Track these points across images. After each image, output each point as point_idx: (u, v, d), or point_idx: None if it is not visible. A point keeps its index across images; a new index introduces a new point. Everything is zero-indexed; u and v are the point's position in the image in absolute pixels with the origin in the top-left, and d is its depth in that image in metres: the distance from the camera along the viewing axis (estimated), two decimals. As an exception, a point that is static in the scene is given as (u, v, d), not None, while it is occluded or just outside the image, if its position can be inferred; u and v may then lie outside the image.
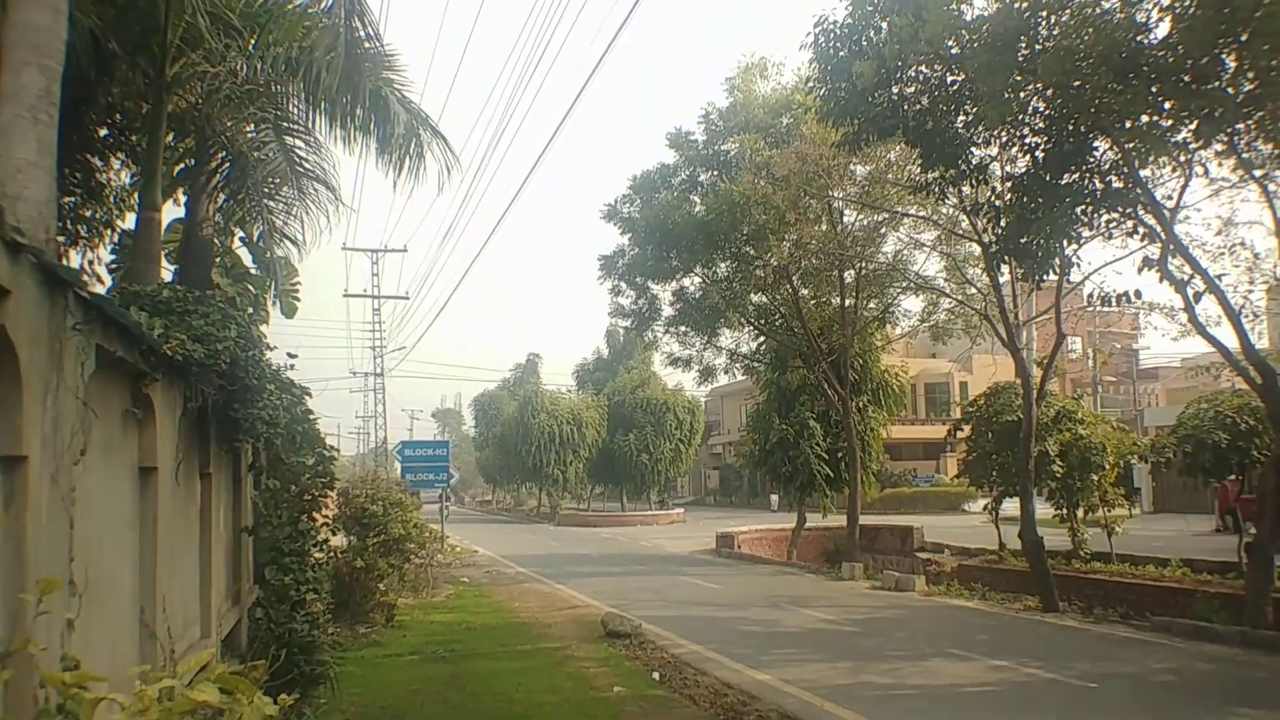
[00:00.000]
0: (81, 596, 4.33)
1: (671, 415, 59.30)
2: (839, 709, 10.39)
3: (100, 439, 4.82)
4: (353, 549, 16.65)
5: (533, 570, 26.41)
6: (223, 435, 8.19)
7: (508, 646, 14.13)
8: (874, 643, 14.58)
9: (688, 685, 11.54)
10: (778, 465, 30.13)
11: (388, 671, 12.22)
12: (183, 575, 7.00)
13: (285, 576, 9.48)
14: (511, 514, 73.25)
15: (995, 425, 23.13)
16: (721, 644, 14.28)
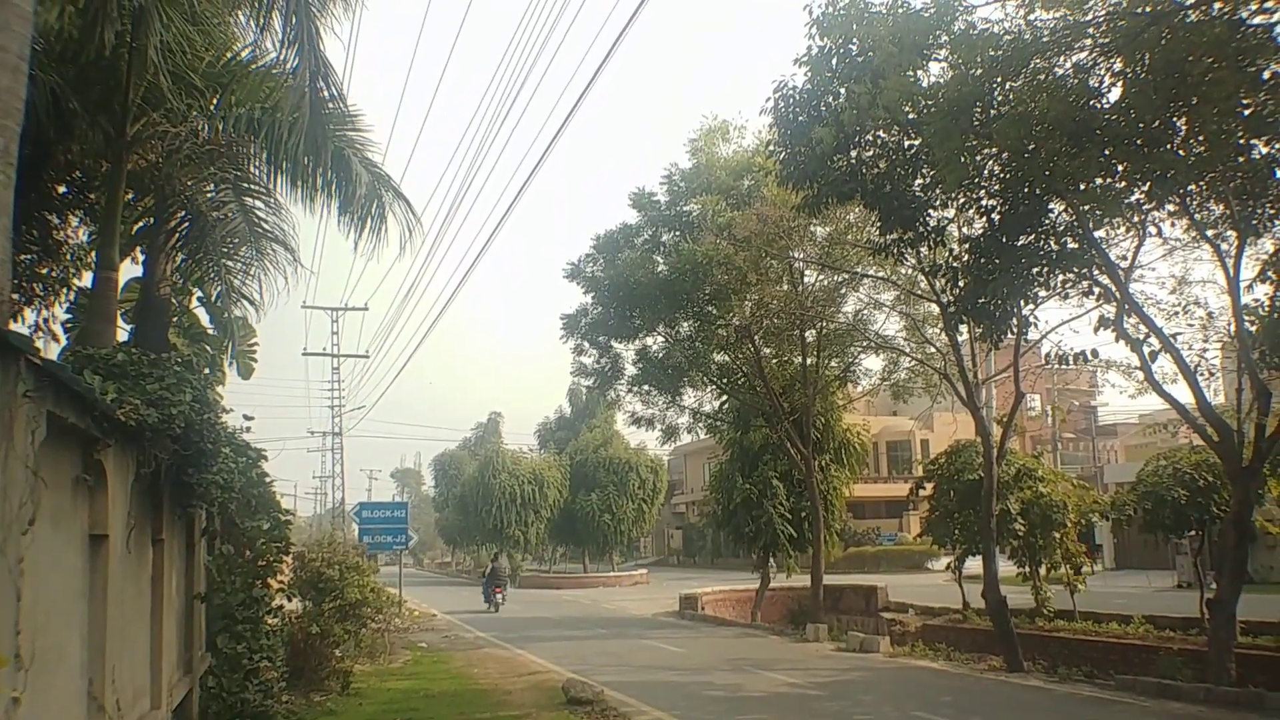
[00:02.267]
0: (28, 671, 4.19)
1: (634, 474, 59.10)
2: (805, 776, 10.25)
3: (50, 507, 4.70)
4: (308, 614, 16.30)
5: (492, 634, 25.98)
6: (176, 500, 8.04)
7: (467, 715, 13.81)
8: (839, 706, 14.43)
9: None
10: (741, 525, 30.00)
11: (342, 744, 11.91)
12: (133, 644, 6.81)
13: (238, 644, 9.28)
14: (471, 575, 72.32)
15: (957, 483, 23.22)
16: (685, 710, 14.06)
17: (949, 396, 25.93)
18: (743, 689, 16.27)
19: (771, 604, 30.89)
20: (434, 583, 61.08)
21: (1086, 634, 19.76)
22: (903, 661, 19.65)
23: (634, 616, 31.50)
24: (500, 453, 61.84)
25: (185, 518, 9.04)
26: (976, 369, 22.22)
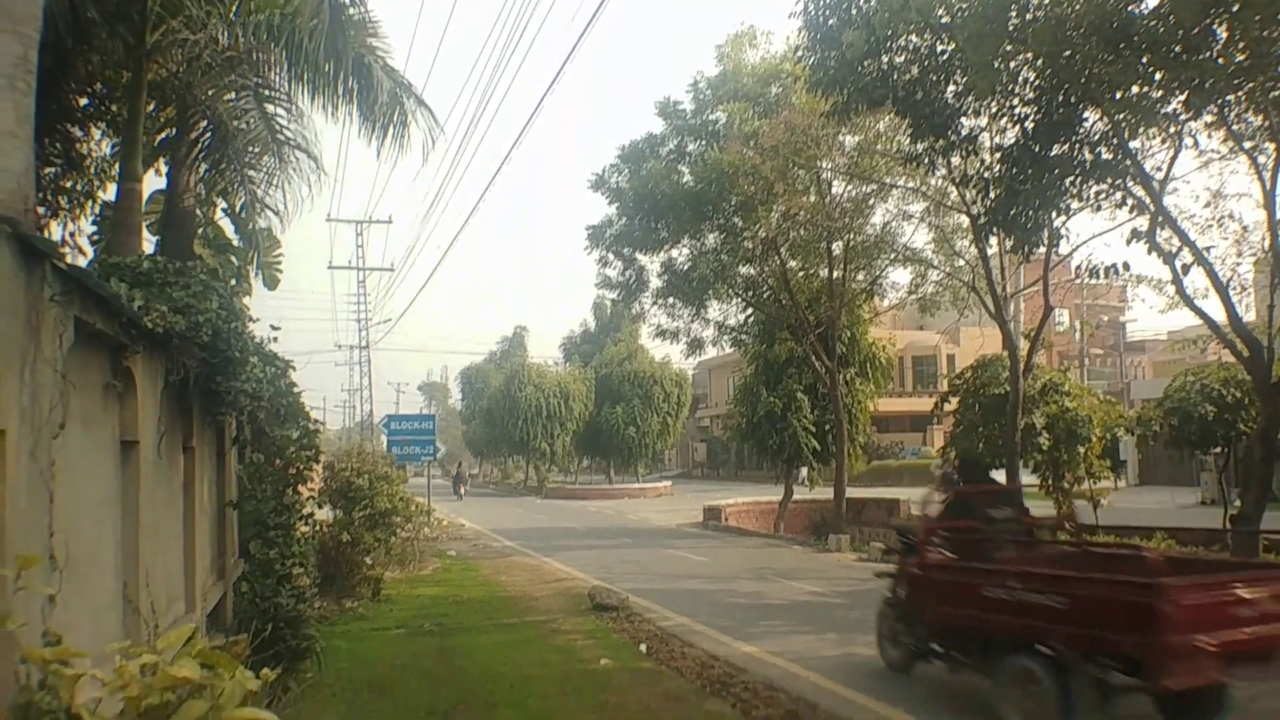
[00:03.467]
0: (62, 571, 4.28)
1: (659, 388, 59.36)
2: (824, 680, 10.42)
3: (80, 412, 4.76)
4: (339, 523, 16.60)
5: (520, 543, 26.42)
6: (206, 409, 8.12)
7: (495, 620, 14.12)
8: (860, 614, 14.57)
9: (675, 657, 11.55)
10: (765, 438, 30.15)
11: (374, 646, 12.19)
12: (166, 550, 6.95)
13: (270, 550, 9.44)
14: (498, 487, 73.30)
15: (982, 397, 23.14)
16: (708, 616, 14.30)
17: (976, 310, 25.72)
18: (765, 597, 16.52)
19: (794, 516, 31.17)
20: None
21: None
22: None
23: (658, 527, 31.89)
24: (526, 366, 62.19)
25: (215, 426, 9.14)
26: (1005, 282, 21.99)
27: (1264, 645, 7.47)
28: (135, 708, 2.71)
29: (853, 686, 10.14)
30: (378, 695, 9.57)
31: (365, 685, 9.90)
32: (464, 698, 9.55)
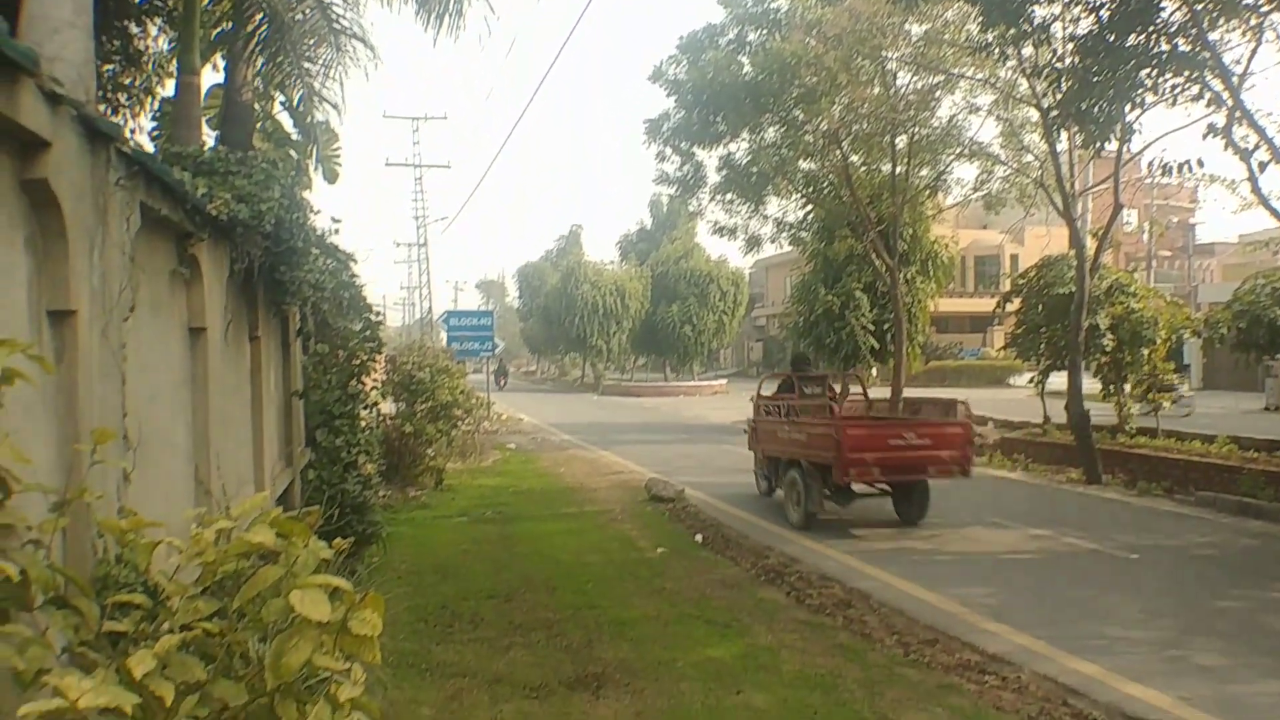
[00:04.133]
0: (135, 451, 4.42)
1: (715, 286, 59.11)
2: (879, 571, 10.55)
3: (148, 297, 4.85)
4: (401, 415, 16.95)
5: (577, 438, 26.80)
6: (270, 299, 8.25)
7: (554, 510, 14.43)
8: (906, 510, 14.68)
9: (729, 547, 11.75)
10: (822, 336, 29.99)
11: (437, 532, 12.55)
12: (236, 435, 7.15)
13: (336, 439, 9.66)
14: (555, 384, 74.06)
15: (1046, 297, 22.75)
16: (763, 510, 14.48)
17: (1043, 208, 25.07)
18: (821, 492, 16.63)
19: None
20: (520, 390, 62.76)
21: (1168, 451, 19.59)
22: (979, 471, 19.73)
23: (713, 423, 32.10)
24: (582, 264, 62.16)
25: (280, 317, 9.30)
26: (1074, 179, 21.37)
27: (907, 463, 13.11)
28: (212, 574, 2.82)
29: (906, 577, 10.25)
30: (442, 578, 9.89)
31: (430, 569, 10.23)
32: (525, 581, 9.82)
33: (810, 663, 7.44)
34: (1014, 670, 7.39)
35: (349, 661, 2.62)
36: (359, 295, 10.75)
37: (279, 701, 2.60)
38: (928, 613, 9.00)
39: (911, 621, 8.73)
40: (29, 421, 3.22)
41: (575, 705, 6.50)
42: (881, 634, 8.29)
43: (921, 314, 30.51)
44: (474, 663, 7.30)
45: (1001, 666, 7.49)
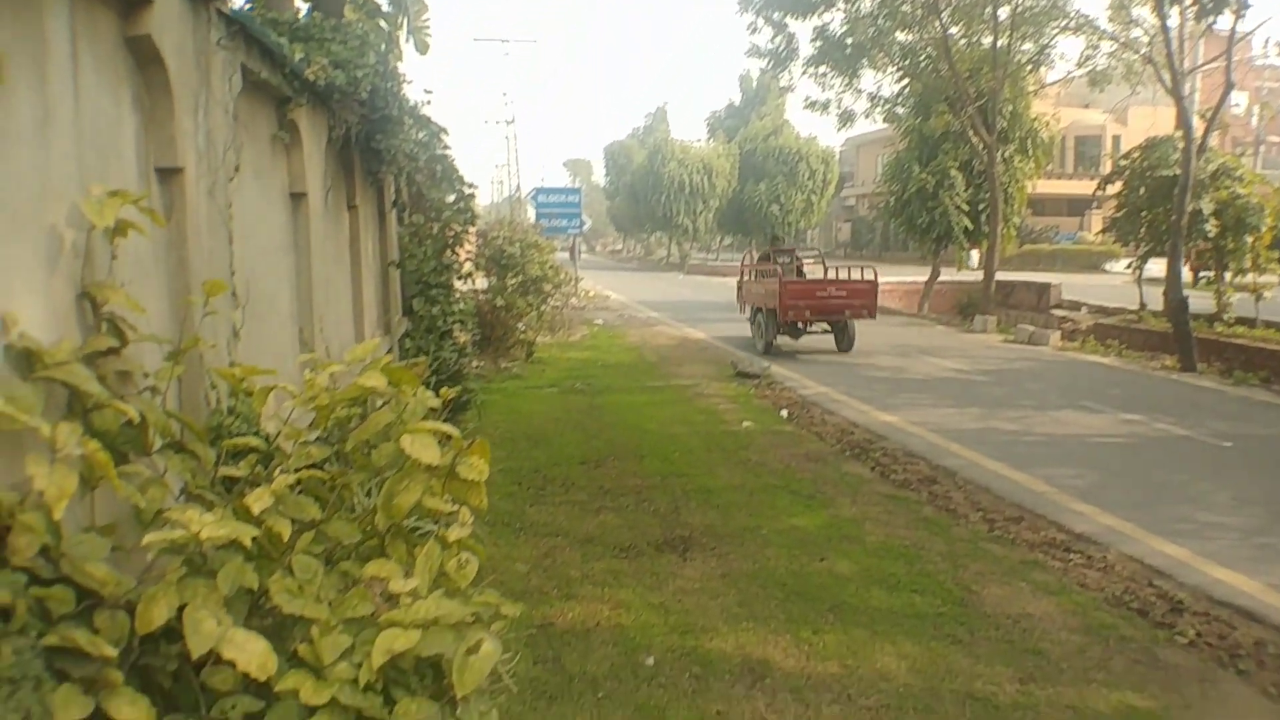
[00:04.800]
0: (244, 309, 4.58)
1: (804, 165, 57.97)
2: (964, 450, 10.52)
3: (251, 161, 4.95)
4: (493, 289, 17.16)
5: (663, 315, 26.91)
6: (366, 168, 8.34)
7: (640, 383, 14.62)
8: (1003, 392, 14.55)
9: (814, 423, 11.81)
10: (915, 215, 29.31)
11: (529, 402, 12.82)
12: (336, 302, 7.33)
13: (432, 308, 9.87)
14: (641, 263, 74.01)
15: (1149, 180, 21.91)
16: (848, 387, 14.47)
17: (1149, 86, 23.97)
18: (906, 372, 16.55)
19: (940, 297, 30.66)
20: (606, 268, 62.91)
21: (1267, 341, 18.93)
22: (1072, 356, 19.46)
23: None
24: (669, 142, 61.35)
25: (376, 187, 9.41)
26: (1183, 56, 20.27)
27: (830, 308, 19.07)
28: (324, 418, 2.94)
29: (993, 457, 10.22)
30: (534, 444, 10.16)
31: (522, 436, 10.50)
32: (614, 450, 10.05)
33: (894, 534, 7.53)
34: (1100, 550, 7.38)
35: (456, 505, 2.74)
36: (451, 167, 10.81)
37: (389, 541, 2.74)
38: (1014, 491, 8.99)
39: (997, 499, 8.74)
40: (141, 276, 3.34)
41: (663, 565, 6.71)
42: (966, 510, 8.33)
43: (1018, 194, 29.58)
44: (566, 523, 7.55)
45: (1087, 546, 7.48)
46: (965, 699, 4.93)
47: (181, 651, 2.27)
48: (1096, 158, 54.41)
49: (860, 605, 6.09)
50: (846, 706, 4.85)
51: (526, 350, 16.65)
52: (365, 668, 2.15)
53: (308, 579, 2.38)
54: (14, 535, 1.89)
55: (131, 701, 2.01)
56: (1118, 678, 5.21)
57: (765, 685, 5.05)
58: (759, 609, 6.00)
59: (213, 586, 2.18)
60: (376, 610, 2.35)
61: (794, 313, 19.01)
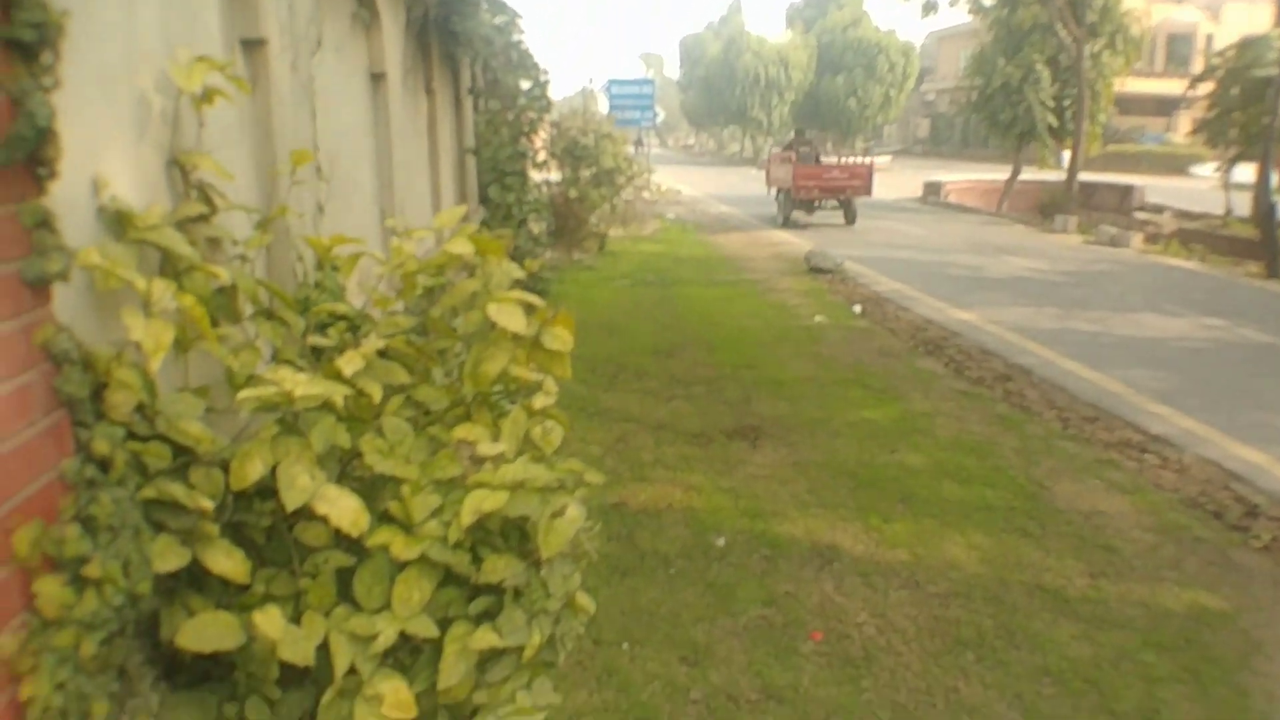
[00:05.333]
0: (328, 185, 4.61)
1: (883, 58, 56.23)
2: (1041, 349, 10.36)
3: (332, 37, 4.93)
4: (566, 180, 17.08)
5: (736, 210, 26.66)
6: (444, 51, 8.28)
7: (713, 277, 14.56)
8: (1082, 293, 14.22)
9: (888, 319, 11.69)
10: (997, 111, 28.31)
11: (602, 293, 12.86)
12: (415, 186, 7.36)
13: (508, 195, 9.88)
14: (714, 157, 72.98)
15: (1242, 80, 20.88)
16: (923, 284, 14.25)
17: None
18: (984, 270, 16.24)
19: (1020, 196, 29.82)
20: (679, 163, 62.18)
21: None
22: (1154, 259, 18.90)
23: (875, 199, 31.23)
24: (744, 34, 59.79)
25: (453, 72, 9.35)
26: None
27: (834, 187, 23.01)
28: (411, 288, 2.97)
29: (1069, 356, 10.05)
30: (607, 334, 10.23)
31: (595, 325, 10.56)
32: (685, 341, 10.08)
33: (966, 430, 7.49)
34: (1176, 452, 7.26)
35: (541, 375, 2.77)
36: (526, 54, 10.68)
37: (475, 409, 2.79)
38: (1090, 391, 8.85)
39: (1072, 398, 8.61)
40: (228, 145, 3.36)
41: (734, 452, 6.77)
42: (1041, 408, 8.23)
43: (1105, 92, 28.35)
44: (638, 410, 7.63)
45: (1163, 447, 7.36)
46: (1034, 590, 4.95)
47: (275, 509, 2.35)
48: (1187, 56, 52.03)
49: (930, 497, 6.10)
50: (914, 592, 4.90)
51: (599, 243, 16.64)
52: (454, 526, 2.21)
53: (398, 440, 2.43)
54: (110, 391, 1.94)
55: (227, 553, 2.09)
56: (1190, 577, 5.17)
57: (834, 569, 5.11)
58: (828, 497, 6.05)
59: (305, 445, 2.23)
60: (464, 472, 2.40)
61: (804, 191, 23.08)
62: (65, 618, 1.70)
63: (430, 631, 2.17)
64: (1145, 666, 4.30)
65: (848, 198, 23.23)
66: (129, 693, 1.92)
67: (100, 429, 1.91)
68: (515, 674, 2.29)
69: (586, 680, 4.12)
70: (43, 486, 1.75)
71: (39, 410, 1.77)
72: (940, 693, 4.07)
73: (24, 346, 1.74)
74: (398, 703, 2.07)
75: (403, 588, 2.18)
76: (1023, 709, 3.97)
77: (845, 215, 23.50)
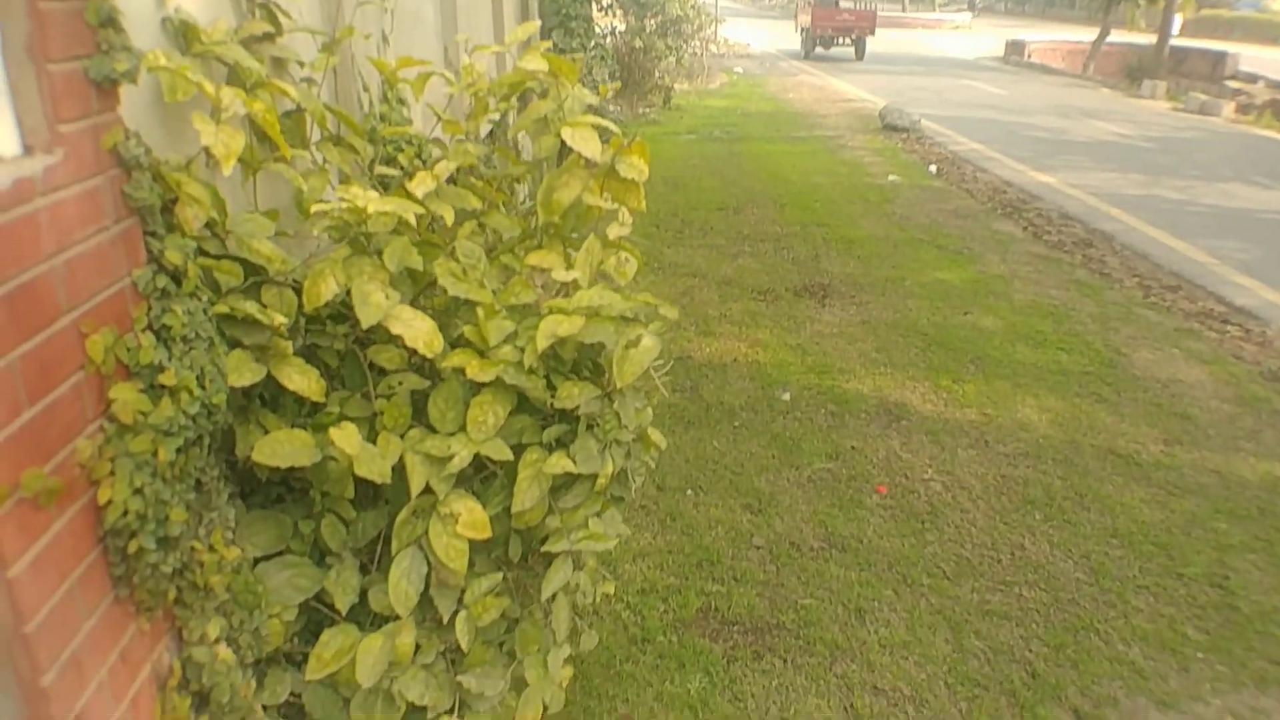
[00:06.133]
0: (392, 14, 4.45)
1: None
2: (1124, 215, 9.98)
3: None
4: (630, 30, 16.58)
5: (806, 64, 25.82)
6: (509, -119, 7.92)
7: (782, 133, 14.17)
8: (1169, 160, 13.62)
9: (965, 180, 11.32)
10: (1088, -33, 26.92)
11: (667, 148, 12.58)
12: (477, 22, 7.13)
13: (572, 41, 9.60)
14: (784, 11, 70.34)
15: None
16: (1003, 146, 13.75)
17: None
18: (1066, 133, 15.61)
19: (1106, 58, 28.44)
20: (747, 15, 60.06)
21: None
22: (1245, 129, 18.01)
23: (953, 58, 30.16)
24: None
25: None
26: None
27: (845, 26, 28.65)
28: (481, 110, 2.86)
29: (1153, 224, 9.68)
30: (672, 189, 10.04)
31: (660, 180, 10.36)
32: (752, 197, 9.86)
33: (1043, 294, 7.29)
34: (1259, 325, 7.02)
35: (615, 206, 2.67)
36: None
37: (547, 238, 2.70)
38: (1173, 259, 8.54)
39: (1155, 266, 8.33)
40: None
41: (801, 310, 6.66)
42: (1121, 274, 7.97)
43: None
44: (704, 266, 7.52)
45: (1246, 319, 7.11)
46: (1106, 454, 4.85)
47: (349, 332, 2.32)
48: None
49: (1003, 359, 5.97)
50: (983, 451, 4.83)
51: (664, 96, 16.22)
52: (529, 350, 2.15)
53: (471, 264, 2.37)
54: (181, 205, 1.89)
55: (301, 371, 2.06)
56: (1267, 449, 5.04)
57: (901, 426, 5.05)
58: (898, 356, 5.94)
59: (379, 265, 2.17)
60: (538, 300, 2.34)
61: (820, 29, 28.61)
62: (141, 424, 1.68)
63: (505, 455, 2.14)
64: (1216, 534, 4.21)
65: (857, 36, 28.65)
66: (206, 505, 1.92)
67: (172, 240, 1.86)
68: (587, 501, 2.26)
69: (651, 524, 4.14)
70: (114, 294, 1.72)
71: (109, 216, 1.72)
72: (1006, 549, 4.04)
73: (92, 149, 1.68)
74: (472, 523, 2.06)
75: (477, 411, 2.15)
76: (1089, 568, 3.92)
77: (856, 51, 28.84)
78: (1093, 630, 3.56)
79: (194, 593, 1.87)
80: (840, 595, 3.70)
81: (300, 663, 2.16)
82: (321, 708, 2.14)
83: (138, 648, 1.79)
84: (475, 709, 2.25)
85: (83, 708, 1.62)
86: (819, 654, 3.39)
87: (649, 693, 3.19)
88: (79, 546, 1.61)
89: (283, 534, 2.16)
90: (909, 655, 3.41)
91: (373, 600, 2.16)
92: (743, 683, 3.25)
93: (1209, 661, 3.45)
